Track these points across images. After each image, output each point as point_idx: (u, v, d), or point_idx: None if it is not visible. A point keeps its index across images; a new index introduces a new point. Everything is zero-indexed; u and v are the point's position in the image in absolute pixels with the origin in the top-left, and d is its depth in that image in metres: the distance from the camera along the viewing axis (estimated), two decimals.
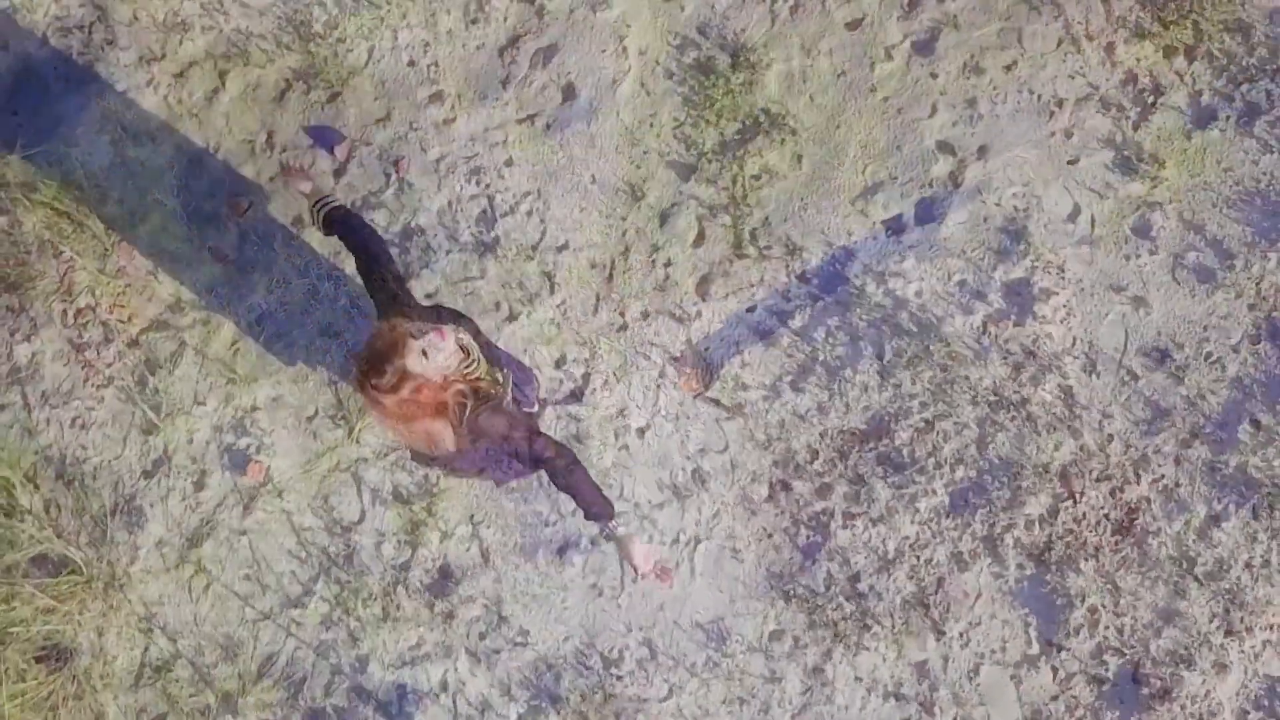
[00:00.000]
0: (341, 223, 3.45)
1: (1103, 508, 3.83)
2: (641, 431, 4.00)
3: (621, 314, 4.07)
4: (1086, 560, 3.80)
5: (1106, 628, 3.78)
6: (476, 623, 3.94)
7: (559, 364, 4.05)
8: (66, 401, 4.16)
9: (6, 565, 3.96)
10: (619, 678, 3.87)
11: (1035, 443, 3.87)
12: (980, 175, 4.05)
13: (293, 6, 4.33)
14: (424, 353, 2.88)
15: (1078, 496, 3.84)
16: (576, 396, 4.03)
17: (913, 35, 4.16)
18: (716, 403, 4.00)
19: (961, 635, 3.82)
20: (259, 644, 3.98)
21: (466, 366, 3.03)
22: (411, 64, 4.27)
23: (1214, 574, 3.77)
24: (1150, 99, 4.04)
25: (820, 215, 4.08)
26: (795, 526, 3.92)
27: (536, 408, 3.74)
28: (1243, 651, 3.74)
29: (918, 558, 3.86)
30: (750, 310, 4.04)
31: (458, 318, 3.25)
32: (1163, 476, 3.84)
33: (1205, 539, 3.79)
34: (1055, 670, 3.78)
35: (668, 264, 4.09)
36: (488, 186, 4.17)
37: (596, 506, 3.25)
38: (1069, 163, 4.04)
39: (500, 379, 3.18)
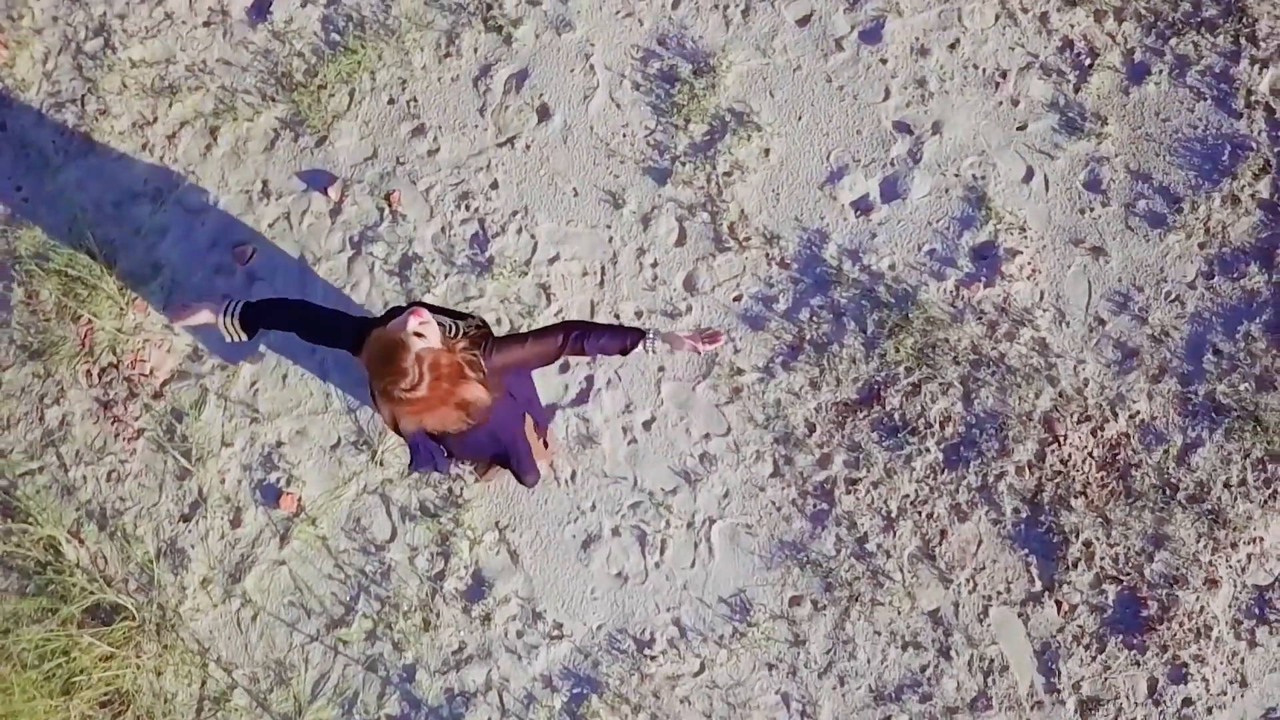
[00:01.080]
0: (259, 314, 3.29)
1: (1086, 447, 3.87)
2: (647, 424, 4.05)
3: (616, 316, 4.12)
4: (1076, 498, 3.83)
5: (1102, 558, 3.80)
6: (513, 622, 3.98)
7: (563, 369, 4.11)
8: (100, 457, 4.21)
9: (62, 619, 3.98)
10: (652, 658, 3.89)
11: (1016, 394, 3.91)
12: (937, 150, 4.12)
13: (274, 59, 4.39)
14: (417, 334, 2.91)
15: (1062, 439, 3.88)
16: (583, 399, 4.09)
17: (859, 25, 4.24)
18: (715, 390, 4.06)
19: (968, 581, 3.85)
20: (310, 665, 4.02)
21: (451, 335, 3.10)
22: (392, 102, 4.34)
23: (1196, 497, 3.81)
24: (1087, 61, 4.11)
25: (792, 203, 4.14)
26: (801, 497, 3.95)
27: None
28: (1230, 566, 3.76)
29: (919, 513, 3.90)
30: (737, 299, 4.10)
31: (400, 310, 3.22)
32: (1138, 412, 3.88)
33: (1184, 465, 3.83)
34: (1059, 604, 3.79)
35: (654, 264, 4.14)
36: (477, 210, 4.23)
37: (629, 339, 3.23)
38: (1018, 129, 4.10)
39: (479, 322, 3.22)
